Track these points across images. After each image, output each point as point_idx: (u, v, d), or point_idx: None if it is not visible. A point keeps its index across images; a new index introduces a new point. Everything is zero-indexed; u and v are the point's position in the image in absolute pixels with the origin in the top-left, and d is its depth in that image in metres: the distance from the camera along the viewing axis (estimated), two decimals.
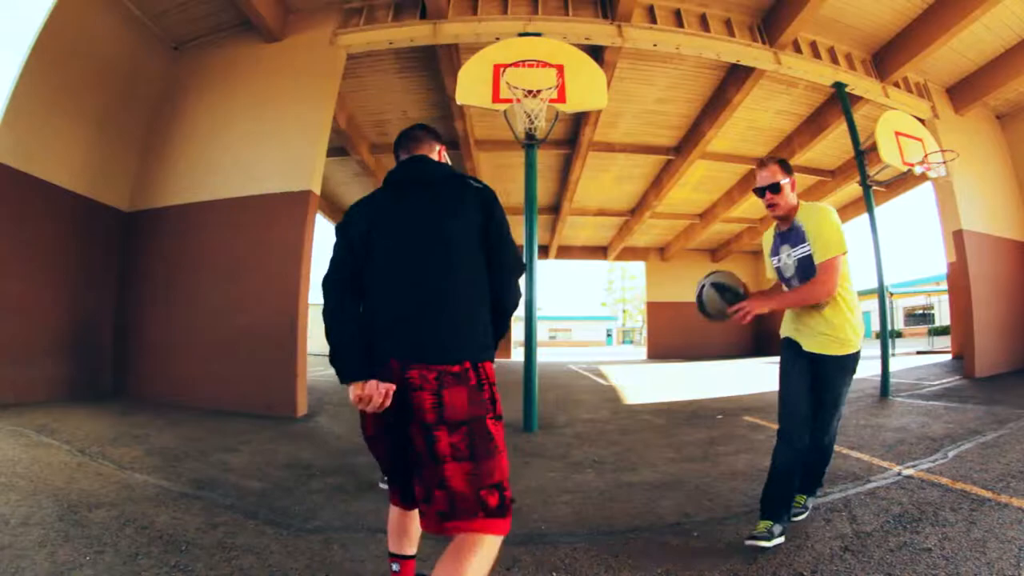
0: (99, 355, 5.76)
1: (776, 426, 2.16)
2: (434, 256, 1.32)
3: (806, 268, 2.08)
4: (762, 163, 2.16)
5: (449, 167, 1.55)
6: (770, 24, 6.52)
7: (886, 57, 7.09)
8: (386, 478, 1.50)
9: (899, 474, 2.79)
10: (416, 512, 1.38)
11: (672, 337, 16.50)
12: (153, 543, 2.02)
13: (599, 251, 17.18)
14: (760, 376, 8.67)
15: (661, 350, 16.66)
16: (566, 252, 16.77)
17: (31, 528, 2.08)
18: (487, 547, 1.21)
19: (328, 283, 1.37)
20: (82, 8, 5.32)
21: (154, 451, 3.43)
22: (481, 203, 1.39)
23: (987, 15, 5.98)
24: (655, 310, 17.44)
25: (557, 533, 2.22)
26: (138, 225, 6.04)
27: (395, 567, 1.50)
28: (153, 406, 4.99)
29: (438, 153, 1.58)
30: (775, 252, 2.26)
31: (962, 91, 7.73)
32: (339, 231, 1.43)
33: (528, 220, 4.90)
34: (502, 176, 10.50)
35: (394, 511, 1.51)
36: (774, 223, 2.27)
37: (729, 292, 2.10)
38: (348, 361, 1.29)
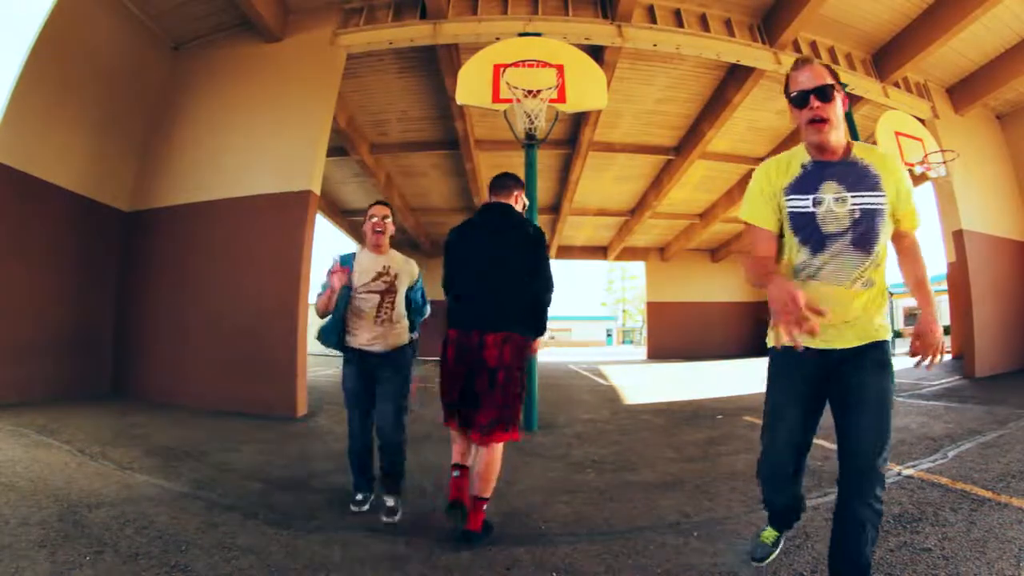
0: (99, 355, 5.76)
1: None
2: (498, 275, 2.19)
3: (869, 227, 1.42)
4: (801, 63, 1.48)
5: (518, 217, 2.35)
6: (770, 24, 6.53)
7: (886, 57, 7.09)
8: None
9: (899, 474, 2.79)
10: (468, 436, 2.19)
11: (672, 337, 16.51)
12: (153, 543, 2.01)
13: (599, 251, 17.18)
14: (760, 376, 8.65)
15: (661, 350, 16.66)
16: (566, 252, 16.77)
17: (31, 528, 2.08)
18: (500, 448, 2.18)
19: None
20: (82, 8, 5.32)
21: (154, 451, 3.43)
22: (533, 244, 2.23)
23: (987, 15, 5.99)
24: (655, 310, 17.44)
25: (557, 533, 2.22)
26: (138, 225, 6.05)
27: (455, 473, 2.24)
28: (153, 406, 4.99)
29: (515, 199, 2.38)
30: (803, 188, 1.47)
31: (962, 91, 7.73)
32: (445, 248, 2.38)
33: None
34: None
35: (455, 434, 2.27)
36: (785, 154, 1.55)
37: None
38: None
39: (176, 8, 5.95)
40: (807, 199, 1.48)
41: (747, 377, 8.81)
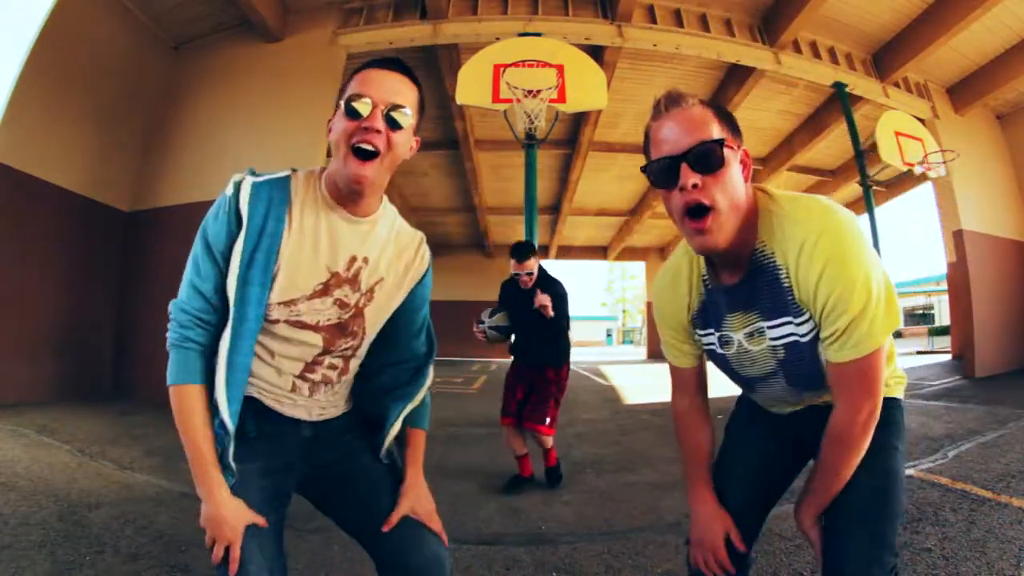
0: (99, 355, 5.76)
1: None
2: (534, 322, 2.89)
3: (804, 361, 0.94)
4: (664, 103, 0.89)
5: (543, 274, 3.00)
6: (770, 24, 6.53)
7: (886, 57, 7.10)
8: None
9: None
10: (521, 429, 2.95)
11: None
12: (153, 543, 2.01)
13: (599, 251, 17.18)
14: None
15: (661, 350, 16.62)
16: (566, 252, 16.78)
17: (31, 528, 2.08)
18: (548, 439, 2.91)
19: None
20: (82, 8, 5.32)
21: (154, 451, 3.43)
22: (556, 297, 2.86)
23: (987, 15, 5.99)
24: None
25: (557, 533, 2.22)
26: (138, 225, 6.04)
27: (518, 458, 3.00)
28: (153, 406, 4.98)
29: (535, 271, 2.95)
30: (706, 320, 1.04)
31: (962, 91, 7.74)
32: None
33: (528, 220, 4.90)
34: (502, 176, 10.50)
35: (508, 430, 2.97)
36: (681, 258, 1.06)
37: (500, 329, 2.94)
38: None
39: (176, 8, 5.95)
40: (712, 336, 1.03)
41: None
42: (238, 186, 0.91)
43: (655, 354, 16.71)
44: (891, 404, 0.99)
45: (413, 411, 1.09)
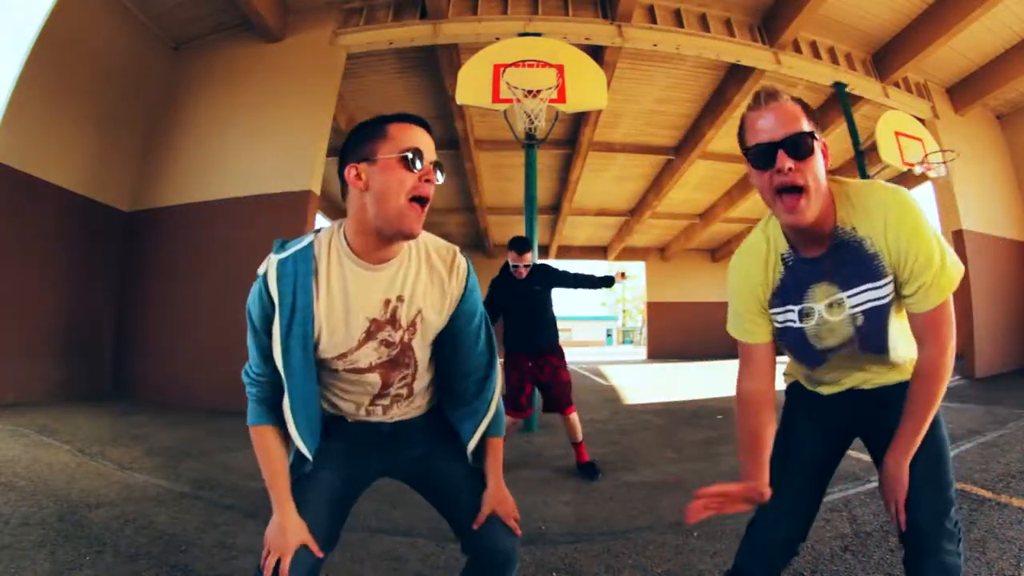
0: (99, 355, 5.76)
1: None
2: (533, 308, 3.27)
3: (877, 326, 1.06)
4: (763, 98, 1.00)
5: (535, 266, 3.30)
6: (770, 24, 6.53)
7: (886, 57, 7.10)
8: None
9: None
10: (520, 417, 3.30)
11: (672, 337, 16.50)
12: (153, 543, 2.01)
13: (599, 251, 17.17)
14: None
15: (661, 350, 16.66)
16: (566, 252, 16.77)
17: (31, 528, 2.08)
18: (574, 416, 3.20)
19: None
20: (82, 8, 5.32)
21: (154, 451, 3.43)
22: (546, 278, 3.30)
23: (987, 15, 5.99)
24: (655, 310, 17.43)
25: (557, 533, 2.22)
26: (138, 225, 6.05)
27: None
28: (153, 406, 4.99)
29: (531, 263, 3.22)
30: (788, 298, 1.11)
31: (962, 91, 7.74)
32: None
33: (528, 220, 4.91)
34: (502, 176, 10.50)
35: (508, 420, 3.08)
36: (759, 238, 1.14)
37: None
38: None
39: (176, 8, 5.95)
40: (792, 312, 1.11)
41: None
42: (266, 267, 0.99)
43: (655, 354, 16.73)
44: None
45: (488, 422, 1.15)
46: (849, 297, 1.05)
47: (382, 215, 0.94)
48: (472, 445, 1.13)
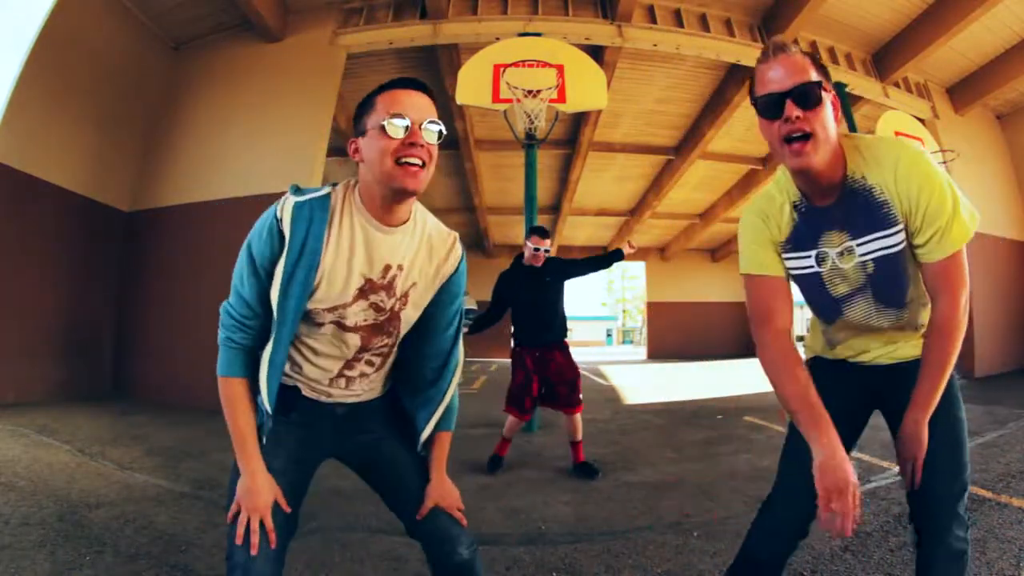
0: (99, 355, 5.76)
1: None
2: (545, 303, 3.23)
3: (889, 275, 1.07)
4: (773, 50, 1.02)
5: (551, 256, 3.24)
6: (770, 24, 6.53)
7: (886, 57, 7.10)
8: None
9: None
10: (524, 419, 3.25)
11: (672, 337, 16.51)
12: (153, 543, 2.01)
13: (599, 251, 17.14)
14: (761, 376, 8.65)
15: (661, 350, 16.66)
16: (566, 252, 16.75)
17: (31, 528, 2.08)
18: (578, 417, 3.16)
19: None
20: (82, 8, 5.32)
21: (154, 451, 3.43)
22: (558, 270, 3.23)
23: (987, 15, 5.99)
24: (655, 310, 17.44)
25: (557, 533, 2.22)
26: (138, 225, 6.04)
27: (504, 440, 3.29)
28: (153, 406, 4.99)
29: (549, 243, 3.22)
30: (803, 244, 1.11)
31: (962, 91, 7.74)
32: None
33: (528, 220, 4.90)
34: (502, 176, 10.50)
35: (515, 421, 3.23)
36: (774, 188, 1.16)
37: None
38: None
39: (176, 8, 5.95)
40: (808, 256, 1.11)
41: (747, 377, 8.81)
42: (281, 206, 0.98)
43: (655, 354, 16.73)
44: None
45: (440, 414, 1.15)
46: (859, 245, 1.06)
47: (376, 179, 0.96)
48: (425, 435, 1.14)
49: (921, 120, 7.22)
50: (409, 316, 1.09)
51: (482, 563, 1.11)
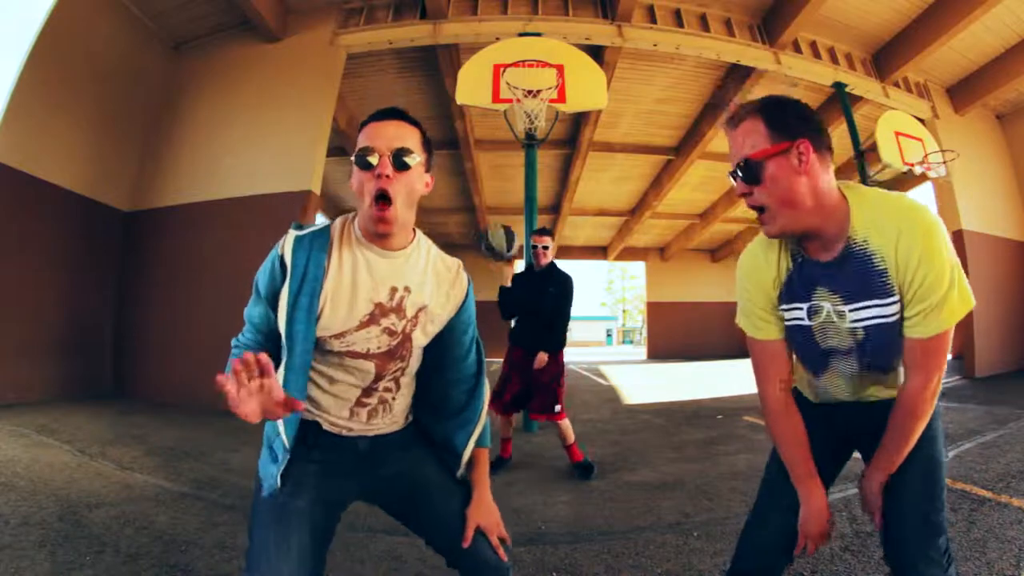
0: (99, 355, 5.76)
1: None
2: (540, 309, 3.14)
3: (880, 344, 1.04)
4: (726, 122, 1.04)
5: (552, 265, 3.24)
6: (770, 24, 6.53)
7: (886, 57, 7.10)
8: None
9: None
10: (509, 416, 3.32)
11: (672, 337, 16.51)
12: (153, 543, 2.01)
13: (599, 251, 17.18)
14: None
15: (661, 350, 16.66)
16: (566, 252, 16.78)
17: (31, 528, 2.08)
18: (562, 423, 3.16)
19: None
20: (82, 8, 5.32)
21: (154, 451, 3.43)
22: (563, 286, 3.15)
23: (987, 15, 5.99)
24: (655, 310, 17.44)
25: (557, 533, 2.22)
26: (138, 225, 6.04)
27: (501, 441, 3.35)
28: (153, 406, 4.99)
29: (551, 245, 3.25)
30: (795, 296, 1.08)
31: (962, 91, 7.74)
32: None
33: (528, 220, 4.91)
34: (502, 176, 10.51)
35: (499, 418, 3.29)
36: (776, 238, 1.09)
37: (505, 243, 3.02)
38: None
39: (176, 8, 5.95)
40: (801, 309, 1.08)
41: (747, 377, 8.80)
42: (283, 242, 1.03)
43: (655, 354, 16.73)
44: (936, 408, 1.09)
45: (479, 432, 1.16)
46: (851, 311, 1.02)
47: (361, 211, 1.01)
48: (467, 455, 1.14)
49: (921, 120, 7.22)
50: (419, 340, 1.08)
51: None
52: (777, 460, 1.17)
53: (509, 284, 3.19)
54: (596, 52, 6.16)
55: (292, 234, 1.03)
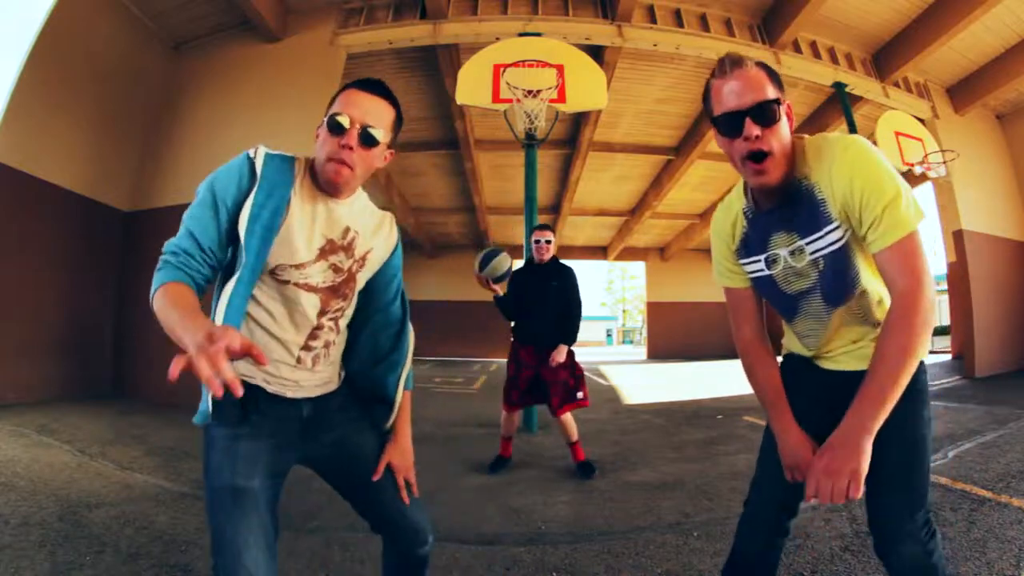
0: (99, 355, 5.76)
1: None
2: (545, 304, 3.19)
3: (837, 271, 1.06)
4: (727, 65, 1.02)
5: (554, 260, 3.27)
6: (770, 24, 6.53)
7: (886, 57, 7.10)
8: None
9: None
10: (516, 412, 3.29)
11: (672, 337, 16.51)
12: (153, 543, 2.01)
13: (599, 251, 17.19)
14: None
15: (661, 350, 16.67)
16: (566, 252, 16.77)
17: (31, 528, 2.08)
18: (564, 418, 3.15)
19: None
20: (82, 8, 5.32)
21: (154, 451, 3.43)
22: (567, 279, 3.18)
23: (987, 15, 5.99)
24: (655, 310, 17.44)
25: (557, 533, 2.22)
26: (138, 225, 6.04)
27: (504, 439, 3.33)
28: (153, 406, 4.98)
29: (553, 239, 3.26)
30: (753, 249, 1.16)
31: (962, 91, 7.74)
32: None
33: (528, 220, 4.91)
34: (502, 176, 10.50)
35: (505, 414, 3.27)
36: (734, 195, 1.20)
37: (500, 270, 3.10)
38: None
39: (176, 8, 5.95)
40: (758, 260, 1.15)
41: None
42: (254, 150, 1.02)
43: (655, 354, 16.73)
44: (923, 371, 1.07)
45: (406, 374, 1.24)
46: (808, 244, 1.07)
47: (318, 163, 1.04)
48: (398, 398, 1.21)
49: (921, 120, 7.23)
50: (360, 281, 1.13)
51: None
52: (768, 433, 1.21)
53: (501, 293, 3.26)
54: (596, 52, 6.16)
55: (264, 148, 1.03)
